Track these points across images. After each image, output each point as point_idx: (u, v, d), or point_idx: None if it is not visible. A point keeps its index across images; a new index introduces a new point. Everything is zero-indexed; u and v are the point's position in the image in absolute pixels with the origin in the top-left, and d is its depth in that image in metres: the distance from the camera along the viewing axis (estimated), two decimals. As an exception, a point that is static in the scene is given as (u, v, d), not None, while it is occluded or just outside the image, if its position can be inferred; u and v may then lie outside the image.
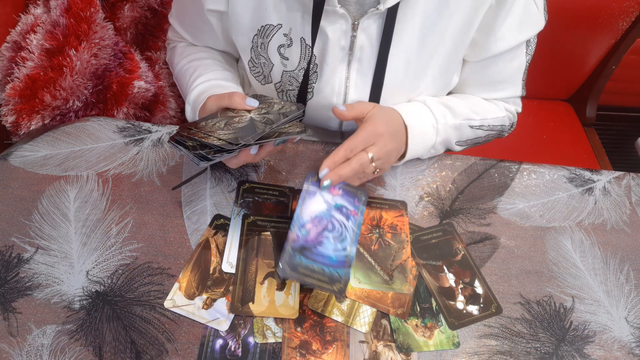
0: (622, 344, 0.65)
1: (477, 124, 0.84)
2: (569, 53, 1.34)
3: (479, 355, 0.63)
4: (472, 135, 0.85)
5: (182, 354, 0.61)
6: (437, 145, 0.81)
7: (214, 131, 0.65)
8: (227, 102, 0.69)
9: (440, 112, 0.80)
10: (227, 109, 0.70)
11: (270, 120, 0.68)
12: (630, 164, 1.64)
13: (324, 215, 0.69)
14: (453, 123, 0.81)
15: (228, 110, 0.70)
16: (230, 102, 0.69)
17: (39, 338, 0.60)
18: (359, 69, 0.78)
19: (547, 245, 0.74)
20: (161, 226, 0.72)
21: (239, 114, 0.69)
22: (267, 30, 0.76)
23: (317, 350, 0.62)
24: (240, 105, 0.68)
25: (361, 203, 0.72)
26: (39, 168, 0.77)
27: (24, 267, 0.66)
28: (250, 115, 0.68)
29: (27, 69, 0.82)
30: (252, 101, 0.69)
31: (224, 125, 0.66)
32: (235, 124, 0.66)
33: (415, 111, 0.79)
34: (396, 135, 0.75)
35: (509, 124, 0.89)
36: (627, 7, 1.22)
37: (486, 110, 0.86)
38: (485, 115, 0.85)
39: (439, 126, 0.79)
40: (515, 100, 0.90)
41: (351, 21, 0.73)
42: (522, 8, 0.74)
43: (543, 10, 0.77)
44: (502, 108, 0.88)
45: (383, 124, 0.72)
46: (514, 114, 0.91)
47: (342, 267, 0.64)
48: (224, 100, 0.70)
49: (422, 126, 0.78)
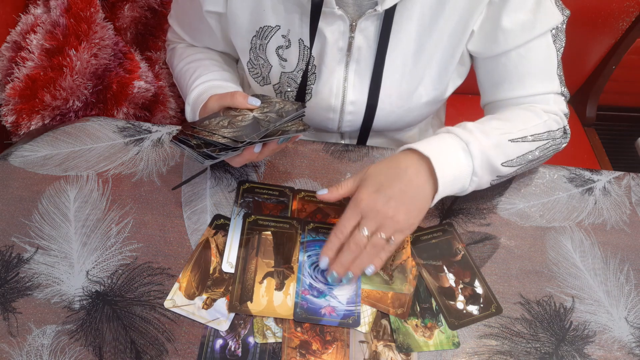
0: (622, 344, 0.65)
1: (519, 136, 0.72)
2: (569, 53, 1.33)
3: (479, 355, 0.63)
4: (520, 152, 0.72)
5: (182, 354, 0.61)
6: (477, 169, 0.68)
7: (218, 129, 0.65)
8: (229, 101, 0.69)
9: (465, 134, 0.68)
10: (229, 108, 0.70)
11: (273, 119, 0.68)
12: (630, 164, 1.64)
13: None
14: (490, 143, 0.69)
15: (230, 109, 0.70)
16: (232, 102, 0.69)
17: (39, 338, 0.60)
18: (356, 70, 0.78)
19: (547, 245, 0.74)
20: (161, 226, 0.72)
21: (242, 113, 0.69)
22: (266, 32, 0.77)
23: (317, 350, 0.62)
24: (243, 104, 0.69)
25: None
26: (39, 168, 0.77)
27: (24, 267, 0.66)
28: (253, 114, 0.69)
29: (27, 69, 0.82)
30: (255, 100, 0.69)
31: (228, 123, 0.67)
32: (239, 123, 0.67)
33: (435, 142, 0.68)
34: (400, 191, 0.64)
35: (556, 127, 0.77)
36: (627, 7, 1.22)
37: (523, 120, 0.74)
38: (525, 125, 0.73)
39: (470, 148, 0.67)
40: (555, 98, 0.80)
41: (349, 22, 0.73)
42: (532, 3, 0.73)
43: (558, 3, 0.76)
44: (540, 112, 0.77)
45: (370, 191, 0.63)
46: (561, 116, 0.79)
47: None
48: (226, 99, 0.70)
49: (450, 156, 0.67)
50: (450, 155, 0.67)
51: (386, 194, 0.63)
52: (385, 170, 0.65)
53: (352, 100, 0.81)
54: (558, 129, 0.77)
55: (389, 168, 0.66)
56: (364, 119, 0.84)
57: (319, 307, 0.65)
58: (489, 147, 0.68)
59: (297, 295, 0.65)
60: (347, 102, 0.82)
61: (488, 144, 0.68)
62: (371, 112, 0.82)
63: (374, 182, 0.64)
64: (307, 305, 0.65)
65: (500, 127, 0.72)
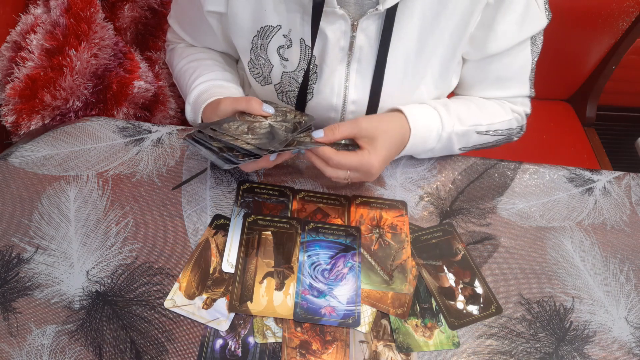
0: (622, 344, 0.65)
1: (484, 129, 0.83)
2: (569, 53, 1.34)
3: (479, 355, 0.63)
4: (479, 141, 0.84)
5: (182, 354, 0.61)
6: (436, 150, 0.80)
7: (239, 134, 0.66)
8: (244, 106, 0.70)
9: (449, 121, 0.79)
10: (243, 113, 0.71)
11: (289, 129, 0.69)
12: (630, 164, 1.64)
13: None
14: (460, 130, 0.80)
15: (245, 114, 0.71)
16: (247, 107, 0.70)
17: (39, 338, 0.60)
18: (358, 69, 0.78)
19: (547, 245, 0.74)
20: (161, 226, 0.72)
21: (257, 119, 0.70)
22: (267, 32, 0.77)
23: (317, 350, 0.62)
24: (257, 111, 0.70)
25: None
26: (39, 168, 0.77)
27: (24, 267, 0.66)
28: (269, 122, 0.70)
29: (27, 69, 0.82)
30: (269, 107, 0.71)
31: (247, 129, 0.68)
32: (258, 130, 0.68)
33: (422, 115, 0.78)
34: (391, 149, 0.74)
35: (516, 126, 0.87)
36: (627, 7, 1.22)
37: (492, 114, 0.84)
38: (492, 120, 0.83)
39: (443, 134, 0.78)
40: (523, 100, 0.88)
41: (350, 22, 0.73)
42: (522, 6, 0.74)
43: (544, 7, 0.77)
44: (509, 110, 0.86)
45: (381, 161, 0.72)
46: (522, 116, 0.89)
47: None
48: (240, 104, 0.71)
49: (426, 132, 0.77)
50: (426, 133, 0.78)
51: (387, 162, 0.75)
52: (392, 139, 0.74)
53: (354, 99, 0.81)
54: (517, 127, 0.88)
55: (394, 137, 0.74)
56: None
57: (319, 307, 0.65)
58: (457, 134, 0.80)
59: (297, 295, 0.65)
60: (348, 102, 0.82)
61: (458, 130, 0.79)
62: (372, 112, 0.82)
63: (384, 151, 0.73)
64: (307, 305, 0.65)
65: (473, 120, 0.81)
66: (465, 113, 0.81)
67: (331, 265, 0.69)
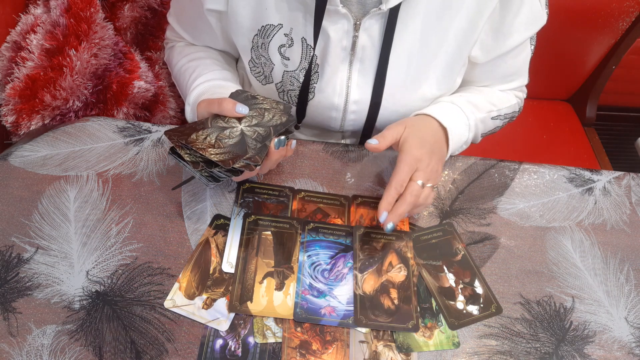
0: (622, 344, 0.65)
1: (496, 114, 0.87)
2: (569, 53, 1.34)
3: (479, 355, 0.63)
4: (492, 126, 0.88)
5: (182, 354, 0.61)
6: (469, 141, 0.83)
7: (206, 149, 0.64)
8: (217, 108, 0.68)
9: (470, 110, 0.81)
10: (217, 115, 0.69)
11: (261, 137, 0.67)
12: (630, 164, 1.64)
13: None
14: (480, 116, 0.83)
15: (219, 117, 0.68)
16: (220, 109, 0.68)
17: (39, 338, 0.60)
18: (360, 69, 0.78)
19: (547, 245, 0.74)
20: (161, 226, 0.72)
21: (230, 123, 0.68)
22: (268, 31, 0.76)
23: (317, 350, 0.62)
24: (230, 113, 0.68)
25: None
26: (39, 168, 0.77)
27: (24, 267, 0.66)
28: (241, 128, 0.67)
29: (27, 69, 0.82)
30: (242, 107, 0.68)
31: (215, 140, 0.65)
32: (226, 140, 0.65)
33: (449, 113, 0.79)
34: (434, 147, 0.74)
35: (517, 109, 0.93)
36: (627, 7, 1.22)
37: (501, 100, 0.88)
38: (501, 105, 0.88)
39: (470, 123, 0.81)
40: (522, 87, 0.93)
41: (353, 21, 0.73)
42: (528, 7, 0.75)
43: (545, 5, 0.78)
44: (513, 95, 0.91)
45: (417, 146, 0.71)
46: (522, 99, 0.95)
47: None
48: (213, 106, 0.69)
49: (459, 128, 0.79)
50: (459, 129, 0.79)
51: (430, 149, 0.72)
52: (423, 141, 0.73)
53: (356, 99, 0.81)
54: (518, 109, 0.94)
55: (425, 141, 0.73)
56: (367, 118, 0.84)
57: (319, 307, 0.65)
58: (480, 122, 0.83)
59: (297, 295, 0.65)
60: (350, 101, 0.82)
61: (480, 117, 0.83)
62: (374, 112, 0.82)
63: (418, 140, 0.72)
64: (307, 305, 0.65)
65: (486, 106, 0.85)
66: (478, 101, 0.84)
67: (331, 265, 0.69)
